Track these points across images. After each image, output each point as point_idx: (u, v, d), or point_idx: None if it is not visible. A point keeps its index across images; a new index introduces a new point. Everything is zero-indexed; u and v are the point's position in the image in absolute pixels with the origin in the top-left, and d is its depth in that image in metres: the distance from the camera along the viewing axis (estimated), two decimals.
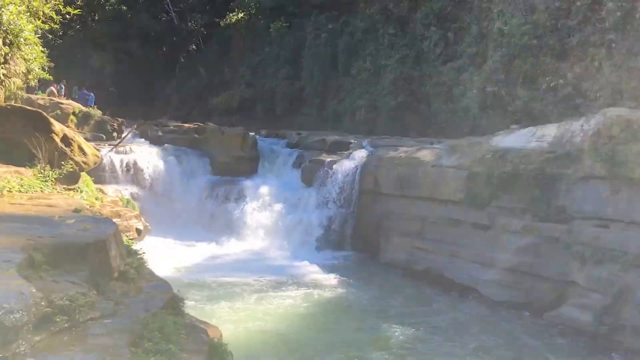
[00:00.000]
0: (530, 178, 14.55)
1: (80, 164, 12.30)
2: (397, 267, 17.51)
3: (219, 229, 20.73)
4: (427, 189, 17.26)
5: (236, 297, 14.17)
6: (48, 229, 6.39)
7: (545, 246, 13.93)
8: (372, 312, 14.02)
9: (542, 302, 13.64)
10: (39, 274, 5.00)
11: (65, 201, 9.05)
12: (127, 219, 12.35)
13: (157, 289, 6.79)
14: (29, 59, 13.29)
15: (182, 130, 26.26)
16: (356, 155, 20.47)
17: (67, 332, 4.54)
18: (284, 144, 25.52)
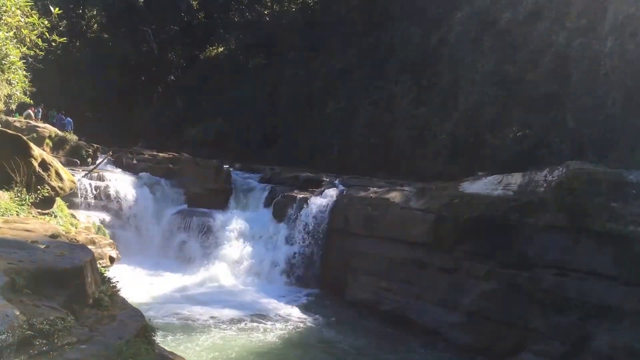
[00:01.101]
0: (495, 225, 15.03)
1: (57, 189, 12.41)
2: (363, 306, 17.72)
3: (189, 260, 20.82)
4: (396, 230, 17.65)
5: (202, 331, 14.24)
6: (26, 254, 6.51)
7: (507, 292, 14.35)
8: (334, 351, 14.19)
9: (503, 347, 13.97)
10: (20, 297, 5.16)
11: (42, 226, 9.14)
12: (101, 246, 12.44)
13: (130, 317, 6.92)
14: (12, 84, 13.47)
15: (157, 159, 26.38)
16: (328, 193, 20.85)
17: (45, 355, 4.70)
18: (257, 178, 25.75)
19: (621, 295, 12.09)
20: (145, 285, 17.49)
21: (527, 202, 14.56)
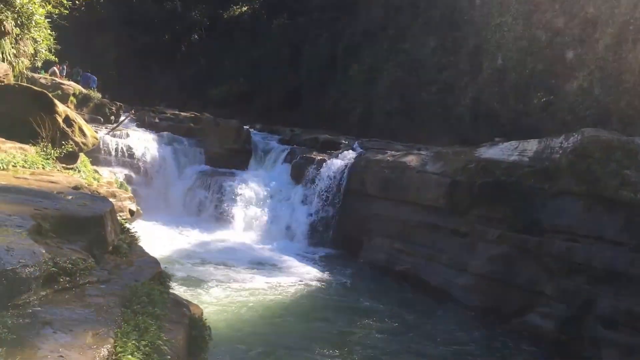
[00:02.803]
0: (509, 190, 15.19)
1: (80, 145, 12.87)
2: (376, 267, 18.14)
3: (208, 217, 21.38)
4: (411, 193, 17.92)
5: (219, 283, 14.73)
6: (51, 202, 6.93)
7: (517, 256, 14.60)
8: (347, 306, 14.55)
9: (510, 309, 14.29)
10: (45, 240, 5.58)
11: (65, 179, 9.59)
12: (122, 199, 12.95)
13: (147, 263, 7.38)
14: (38, 41, 13.86)
15: (179, 118, 26.81)
16: (345, 155, 21.13)
17: (68, 291, 5.15)
18: (277, 139, 26.08)
19: (628, 261, 12.24)
20: (164, 239, 18.05)
21: (542, 169, 14.66)
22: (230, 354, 10.55)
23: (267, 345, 11.38)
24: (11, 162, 9.44)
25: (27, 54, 13.55)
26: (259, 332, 11.98)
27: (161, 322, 5.70)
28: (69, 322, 4.49)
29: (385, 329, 13.14)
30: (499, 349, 12.89)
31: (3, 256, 4.23)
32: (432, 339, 12.91)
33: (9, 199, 6.54)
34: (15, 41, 12.82)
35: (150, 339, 4.94)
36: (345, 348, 11.69)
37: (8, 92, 11.74)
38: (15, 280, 4.19)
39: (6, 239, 4.64)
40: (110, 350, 4.27)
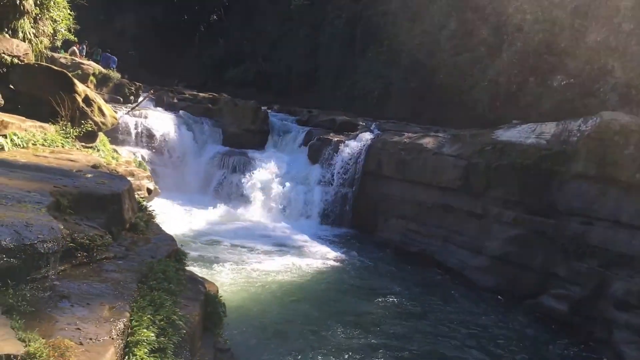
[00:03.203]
0: (525, 172, 15.15)
1: (99, 124, 13.01)
2: (391, 247, 18.25)
3: (225, 197, 21.59)
4: (427, 174, 17.95)
5: (235, 261, 14.92)
6: (70, 180, 7.08)
7: (532, 238, 14.62)
8: (361, 287, 14.66)
9: (524, 290, 14.36)
10: (64, 216, 5.73)
11: (84, 157, 9.77)
12: (140, 178, 13.12)
13: (163, 241, 7.54)
14: (57, 21, 13.98)
15: (197, 99, 26.96)
16: (362, 137, 21.16)
17: (86, 266, 5.32)
18: (294, 120, 26.13)
19: None
20: (182, 218, 18.32)
21: (559, 151, 14.58)
22: (245, 331, 10.72)
23: (281, 324, 11.51)
24: (31, 140, 9.62)
25: (46, 33, 13.65)
26: (273, 310, 12.12)
27: (176, 298, 5.87)
28: (86, 296, 4.65)
29: (400, 309, 13.24)
30: (513, 329, 12.95)
31: (22, 231, 4.36)
32: (446, 319, 13.02)
33: (28, 176, 6.70)
34: (34, 21, 12.92)
35: (165, 314, 5.10)
36: (359, 328, 11.76)
37: (28, 71, 11.88)
38: (33, 254, 4.32)
39: (25, 215, 4.78)
40: (126, 324, 4.43)
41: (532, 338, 12.57)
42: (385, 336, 11.57)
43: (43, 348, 3.41)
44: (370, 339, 11.34)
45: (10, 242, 4.16)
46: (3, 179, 6.10)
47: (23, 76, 11.85)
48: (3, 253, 4.07)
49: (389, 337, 11.54)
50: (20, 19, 12.58)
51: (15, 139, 9.20)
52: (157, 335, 4.73)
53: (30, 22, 13.08)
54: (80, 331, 3.97)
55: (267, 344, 10.56)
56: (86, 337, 3.90)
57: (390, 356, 10.66)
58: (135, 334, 4.48)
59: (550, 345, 12.32)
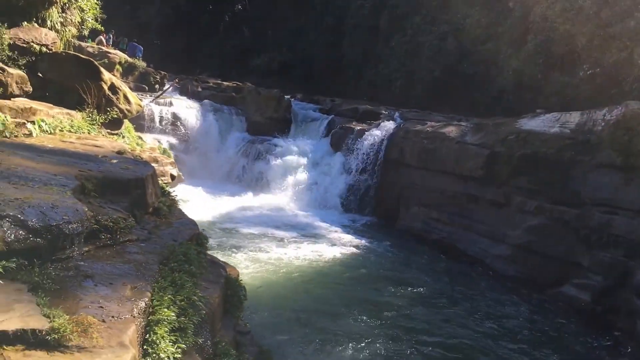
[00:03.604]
0: (548, 161, 15.05)
1: (124, 112, 13.22)
2: (413, 235, 18.30)
3: (248, 184, 21.82)
4: (449, 163, 17.90)
5: (257, 247, 15.09)
6: (95, 165, 7.26)
7: (555, 227, 14.54)
8: (383, 275, 14.68)
9: (546, 279, 14.30)
10: (89, 199, 5.89)
11: (109, 143, 9.98)
12: (163, 164, 13.31)
13: (185, 225, 7.67)
14: (84, 10, 14.22)
15: (221, 88, 27.19)
16: (385, 125, 21.16)
17: (109, 247, 5.46)
18: (317, 109, 26.19)
19: None
20: (205, 205, 18.55)
21: (584, 141, 14.46)
22: (265, 316, 10.86)
23: (302, 310, 11.60)
24: (58, 126, 9.85)
25: (74, 22, 13.89)
26: (294, 296, 12.24)
27: (197, 280, 6.00)
28: (109, 276, 4.78)
29: (421, 298, 13.26)
30: (535, 319, 12.91)
31: (48, 212, 4.52)
32: (468, 308, 13.03)
33: (55, 160, 6.89)
34: (62, 10, 13.18)
35: (186, 295, 5.23)
36: (380, 316, 11.79)
37: (56, 59, 12.12)
38: (59, 235, 4.47)
39: (51, 197, 4.94)
40: (147, 303, 4.54)
41: (554, 328, 12.53)
42: (406, 324, 11.60)
43: (67, 324, 3.53)
44: (391, 327, 11.36)
45: (37, 222, 4.33)
46: (30, 163, 6.29)
47: (51, 64, 12.09)
48: (29, 233, 4.24)
49: (410, 325, 11.56)
50: (48, 8, 12.84)
51: (43, 125, 9.43)
52: (178, 315, 4.85)
53: (58, 11, 13.33)
54: (103, 309, 4.09)
55: (287, 329, 10.67)
56: (109, 315, 4.03)
57: (411, 345, 10.69)
58: (156, 313, 4.60)
59: (572, 335, 12.27)
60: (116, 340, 3.68)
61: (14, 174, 5.51)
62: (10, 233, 4.10)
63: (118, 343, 3.66)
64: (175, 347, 4.53)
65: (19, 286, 3.96)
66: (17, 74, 10.05)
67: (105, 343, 3.60)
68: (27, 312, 3.58)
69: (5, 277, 3.92)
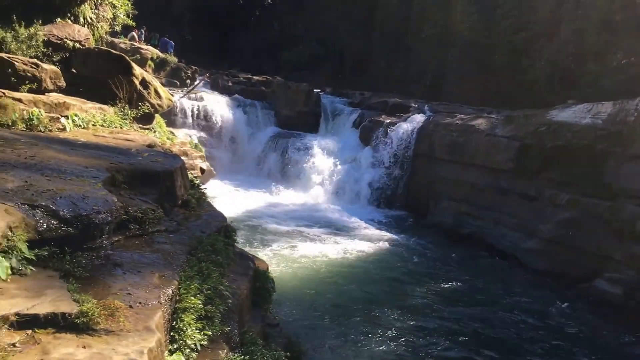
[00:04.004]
0: (580, 153, 14.81)
1: (155, 106, 13.46)
2: (442, 229, 18.18)
3: (278, 179, 21.97)
4: (479, 156, 17.74)
5: (287, 241, 15.20)
6: (125, 158, 7.41)
7: (586, 220, 14.31)
8: (412, 269, 14.63)
9: (577, 274, 14.09)
10: (119, 191, 6.05)
11: (140, 137, 10.18)
12: (193, 158, 13.51)
13: (213, 217, 7.80)
14: (116, 6, 14.50)
15: (251, 82, 27.40)
16: (414, 118, 21.06)
17: (138, 237, 5.62)
18: (346, 102, 26.18)
19: None
20: (235, 198, 18.78)
21: (616, 132, 14.17)
22: (294, 309, 10.93)
23: (331, 304, 11.61)
24: (91, 121, 10.09)
25: (106, 18, 14.20)
26: (323, 290, 12.26)
27: (224, 270, 6.12)
28: (137, 264, 4.93)
29: (452, 292, 13.18)
30: (566, 314, 12.75)
31: (79, 203, 4.69)
32: (499, 302, 12.91)
33: (87, 153, 7.08)
34: (94, 6, 13.48)
35: (212, 284, 5.35)
36: (411, 311, 11.72)
37: (89, 55, 12.40)
38: (89, 224, 4.63)
39: (82, 189, 5.10)
40: (174, 291, 4.67)
41: (586, 322, 12.34)
42: (437, 319, 11.50)
43: (95, 308, 3.68)
44: (421, 322, 11.26)
45: (68, 212, 4.49)
46: (63, 156, 6.48)
47: (84, 60, 12.38)
48: (61, 222, 4.40)
49: (441, 321, 11.45)
50: (81, 5, 13.14)
51: (77, 120, 9.67)
52: (204, 304, 4.97)
53: (91, 8, 13.64)
54: (131, 296, 4.23)
55: (316, 322, 10.73)
56: (136, 301, 4.16)
57: (442, 340, 10.61)
58: (183, 301, 4.72)
59: (604, 331, 12.07)
60: (142, 325, 3.81)
61: (48, 167, 5.70)
62: (43, 222, 4.28)
63: (144, 327, 3.78)
64: (202, 334, 4.65)
65: (51, 273, 4.12)
66: (51, 70, 10.31)
67: (132, 327, 3.73)
68: (58, 297, 3.74)
69: (38, 264, 4.10)
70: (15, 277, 3.86)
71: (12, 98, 8.68)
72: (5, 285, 3.73)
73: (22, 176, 5.10)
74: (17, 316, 3.41)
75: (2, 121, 8.06)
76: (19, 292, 3.70)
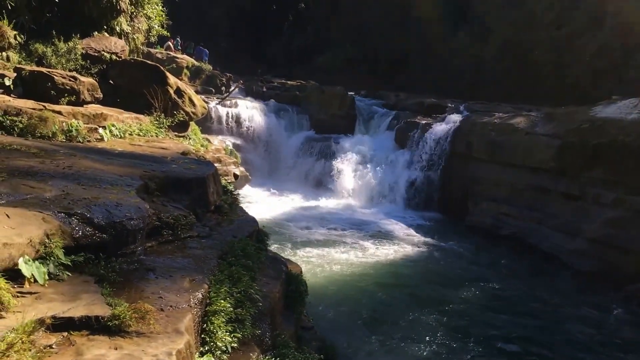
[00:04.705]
0: (626, 150, 14.37)
1: (190, 114, 13.68)
2: (482, 231, 17.78)
3: (313, 183, 22.00)
4: (519, 155, 17.38)
5: (322, 245, 15.11)
6: (159, 166, 7.57)
7: (634, 219, 13.85)
8: (451, 273, 14.32)
9: (623, 274, 13.62)
10: (152, 198, 6.16)
11: (175, 145, 10.36)
12: (227, 164, 13.70)
13: (246, 222, 7.87)
14: (151, 18, 14.80)
15: (285, 87, 27.56)
16: (451, 118, 20.79)
17: (171, 243, 5.71)
18: (381, 104, 26.05)
19: None
20: (270, 203, 18.90)
21: None
22: (329, 313, 10.76)
23: (366, 308, 11.40)
24: (127, 130, 10.31)
25: (141, 30, 14.52)
26: (359, 295, 12.08)
27: (255, 274, 6.14)
28: (169, 269, 5.01)
29: (493, 296, 12.82)
30: (613, 315, 12.33)
31: (112, 210, 4.81)
32: (543, 306, 12.51)
33: (122, 162, 7.23)
34: (130, 18, 13.79)
35: (242, 287, 5.39)
36: (450, 316, 11.38)
37: (125, 66, 12.70)
38: (122, 231, 4.77)
39: (116, 196, 5.21)
40: (204, 295, 4.75)
41: (634, 326, 11.93)
42: (479, 325, 11.15)
43: (126, 311, 3.81)
44: (463, 327, 10.90)
45: (102, 219, 4.63)
46: (99, 165, 6.63)
47: (120, 71, 12.69)
48: (95, 229, 4.54)
49: (483, 327, 11.10)
50: (117, 18, 13.46)
51: (114, 130, 9.90)
52: (235, 307, 5.02)
53: (126, 20, 13.96)
54: (162, 299, 4.33)
55: (352, 326, 10.57)
56: (167, 305, 4.25)
57: (484, 346, 10.27)
58: (213, 304, 4.78)
59: None
60: (172, 327, 3.91)
61: (84, 176, 5.87)
62: (78, 229, 4.45)
63: (174, 329, 3.88)
64: (232, 336, 4.68)
65: (86, 278, 4.29)
66: (88, 82, 10.58)
67: (161, 329, 3.84)
68: (92, 301, 3.90)
69: (74, 270, 4.28)
70: (52, 282, 4.08)
71: (52, 111, 8.97)
72: (43, 290, 3.92)
73: (59, 185, 5.30)
74: (53, 319, 3.57)
75: (43, 133, 8.35)
76: (55, 296, 3.90)
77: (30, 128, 8.23)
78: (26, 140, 7.68)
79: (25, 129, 8.18)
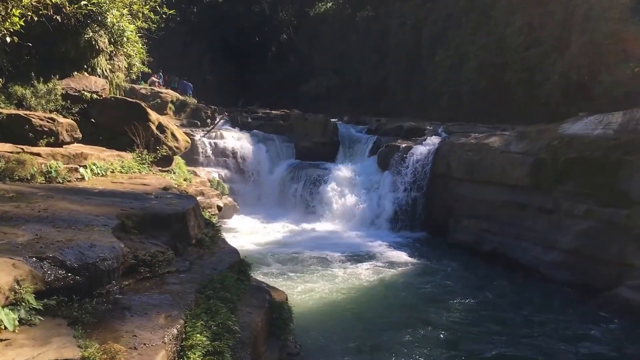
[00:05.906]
0: (594, 164, 14.82)
1: (173, 149, 13.99)
2: (464, 248, 18.22)
3: (299, 209, 22.32)
4: (495, 173, 17.84)
5: (309, 269, 15.39)
6: (139, 203, 7.77)
7: (605, 229, 14.29)
8: (437, 291, 14.56)
9: (600, 283, 14.00)
10: (129, 236, 6.41)
11: (157, 181, 10.62)
12: (209, 197, 13.98)
13: (227, 254, 8.08)
14: (131, 55, 15.15)
15: (269, 117, 28.04)
16: (430, 141, 21.26)
17: (149, 280, 5.94)
18: (363, 130, 26.53)
19: None
20: (259, 231, 19.17)
21: (628, 141, 14.19)
22: (317, 338, 10.93)
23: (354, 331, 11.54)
24: (109, 168, 10.58)
25: (121, 68, 14.85)
26: (347, 317, 12.25)
27: (236, 305, 6.37)
28: (145, 306, 5.18)
29: (476, 312, 13.04)
30: (592, 323, 12.60)
31: (85, 251, 5.02)
32: (524, 318, 12.79)
33: (100, 201, 7.46)
34: (110, 57, 14.12)
35: (220, 320, 5.58)
36: (437, 335, 11.53)
37: (105, 105, 13.00)
38: (95, 272, 4.93)
39: (91, 237, 5.45)
40: (179, 330, 4.90)
41: (611, 331, 12.22)
42: (463, 341, 11.37)
43: (96, 352, 3.94)
44: (448, 346, 11.08)
45: (74, 261, 4.81)
46: (76, 206, 6.84)
47: (101, 110, 12.96)
48: (68, 271, 4.72)
49: (467, 343, 11.31)
50: (96, 57, 13.78)
51: (95, 169, 10.16)
52: (212, 340, 5.19)
53: (106, 59, 14.28)
54: (136, 337, 4.47)
55: (340, 349, 10.72)
56: (140, 343, 4.40)
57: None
58: (189, 339, 4.95)
59: (629, 337, 11.94)
60: None
61: (59, 218, 6.05)
62: (51, 273, 4.59)
63: None
64: None
65: (59, 321, 4.41)
66: (67, 122, 10.79)
67: None
68: (63, 345, 4.01)
69: (47, 313, 4.37)
70: (24, 327, 4.11)
71: (31, 153, 9.16)
72: (14, 336, 3.95)
73: (33, 230, 5.41)
74: None
75: (22, 176, 8.46)
76: (26, 341, 3.93)
77: (7, 172, 8.29)
78: (4, 184, 7.75)
79: (3, 173, 8.22)
